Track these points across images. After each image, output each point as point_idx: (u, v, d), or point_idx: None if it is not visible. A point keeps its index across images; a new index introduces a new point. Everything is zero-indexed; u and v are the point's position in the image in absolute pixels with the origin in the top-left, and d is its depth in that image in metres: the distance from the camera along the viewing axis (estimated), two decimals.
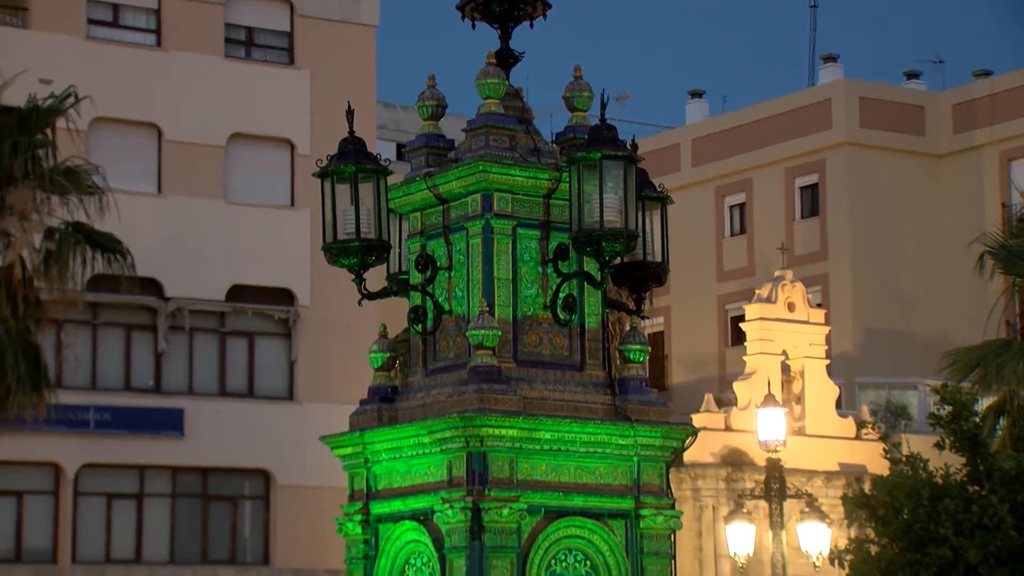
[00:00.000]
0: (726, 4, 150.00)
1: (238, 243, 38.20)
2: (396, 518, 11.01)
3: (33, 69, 29.69)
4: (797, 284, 41.73)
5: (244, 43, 39.90)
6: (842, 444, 40.09)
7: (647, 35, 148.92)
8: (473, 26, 11.57)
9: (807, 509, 30.70)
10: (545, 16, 11.57)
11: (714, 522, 37.27)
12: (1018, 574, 26.75)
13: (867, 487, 30.31)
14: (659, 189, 11.77)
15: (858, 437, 40.11)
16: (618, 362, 11.24)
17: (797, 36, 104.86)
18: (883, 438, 36.30)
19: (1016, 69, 49.11)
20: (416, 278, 11.29)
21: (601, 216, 10.58)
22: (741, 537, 31.83)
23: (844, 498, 31.59)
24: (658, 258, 11.65)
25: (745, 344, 41.19)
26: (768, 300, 41.01)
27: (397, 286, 11.67)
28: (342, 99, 15.67)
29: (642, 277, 11.68)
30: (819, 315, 41.78)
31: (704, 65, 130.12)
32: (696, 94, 56.18)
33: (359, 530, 11.14)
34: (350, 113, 11.71)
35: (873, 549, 28.90)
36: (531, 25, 11.57)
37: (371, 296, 11.62)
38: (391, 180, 11.28)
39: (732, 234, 50.81)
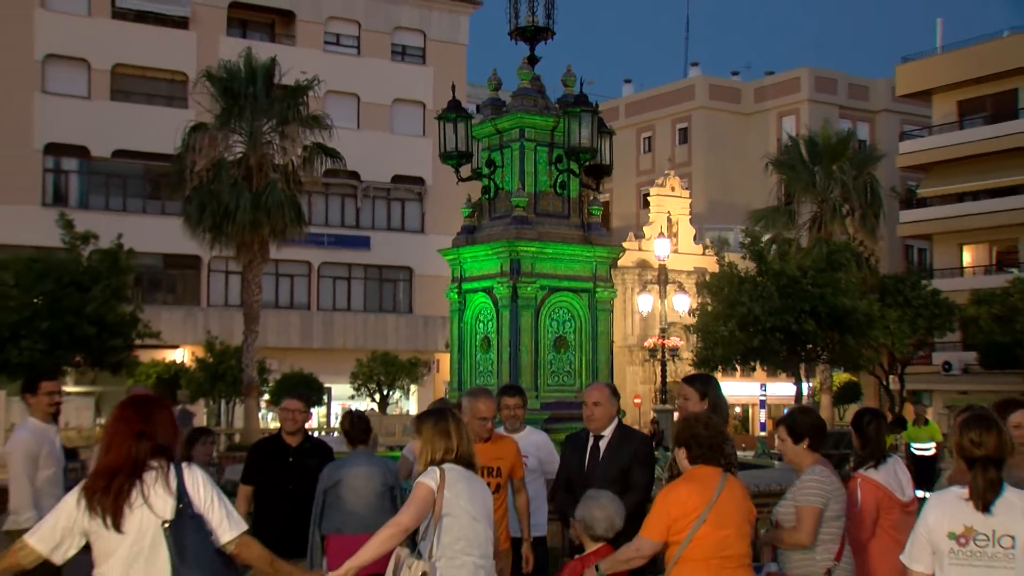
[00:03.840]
0: (645, 33, 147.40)
1: (397, 153, 38.03)
2: (474, 291, 10.91)
3: (297, 66, 29.16)
4: (676, 177, 41.72)
5: (401, 53, 39.27)
6: (696, 257, 40.17)
7: (603, 49, 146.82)
8: (516, 43, 11.21)
9: (678, 290, 30.73)
10: (552, 37, 11.23)
11: (632, 295, 37.42)
12: (781, 321, 26.77)
13: (707, 278, 30.29)
14: (608, 128, 11.48)
15: (704, 254, 40.12)
16: (586, 215, 11.02)
17: (678, 49, 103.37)
18: (716, 254, 36.29)
19: (785, 71, 48.52)
20: (485, 171, 11.06)
21: (579, 140, 10.33)
22: (645, 303, 31.92)
23: (697, 284, 31.61)
24: (607, 162, 11.40)
25: (649, 208, 41.19)
26: (661, 185, 40.92)
27: (476, 175, 11.45)
28: (448, 81, 15.36)
29: (599, 172, 11.45)
30: (686, 194, 41.67)
31: (631, 65, 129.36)
32: (628, 80, 55.28)
33: (456, 296, 11.05)
34: (452, 89, 11.46)
35: (709, 308, 29.02)
36: (545, 42, 11.22)
37: (463, 180, 11.42)
38: (473, 122, 11.04)
39: (644, 152, 50.32)
